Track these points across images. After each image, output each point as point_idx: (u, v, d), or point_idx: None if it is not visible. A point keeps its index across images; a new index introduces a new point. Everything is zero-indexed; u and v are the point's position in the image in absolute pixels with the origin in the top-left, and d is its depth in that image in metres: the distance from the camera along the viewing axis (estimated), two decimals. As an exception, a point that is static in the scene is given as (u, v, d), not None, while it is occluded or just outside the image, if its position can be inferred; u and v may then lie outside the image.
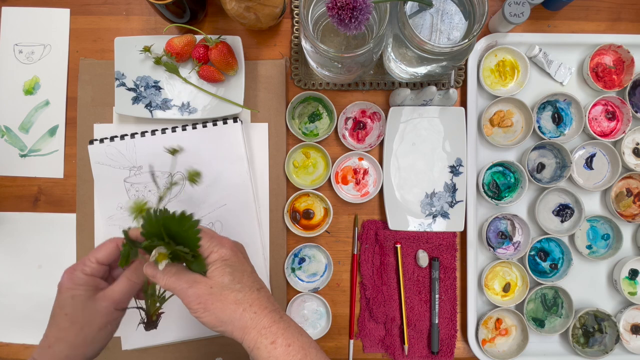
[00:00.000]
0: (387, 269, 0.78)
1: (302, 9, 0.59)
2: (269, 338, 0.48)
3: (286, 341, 0.48)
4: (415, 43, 0.58)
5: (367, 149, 0.78)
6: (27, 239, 0.78)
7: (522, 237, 0.79)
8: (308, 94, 0.77)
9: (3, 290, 0.78)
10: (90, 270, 0.52)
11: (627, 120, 0.78)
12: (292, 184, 0.77)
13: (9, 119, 0.79)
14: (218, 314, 0.48)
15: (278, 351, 0.48)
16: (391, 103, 0.79)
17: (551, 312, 0.79)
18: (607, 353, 0.76)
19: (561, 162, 0.79)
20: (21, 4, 0.79)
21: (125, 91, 0.75)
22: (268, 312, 0.50)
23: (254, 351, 0.48)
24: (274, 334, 0.48)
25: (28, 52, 0.79)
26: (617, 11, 0.82)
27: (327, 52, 0.58)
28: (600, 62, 0.80)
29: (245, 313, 0.49)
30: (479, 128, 0.79)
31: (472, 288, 0.77)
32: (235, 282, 0.50)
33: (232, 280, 0.49)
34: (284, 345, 0.48)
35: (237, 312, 0.48)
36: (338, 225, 0.80)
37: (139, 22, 0.80)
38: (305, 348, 0.49)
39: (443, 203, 0.78)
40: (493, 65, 0.80)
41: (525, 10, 0.73)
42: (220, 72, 0.75)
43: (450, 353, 0.77)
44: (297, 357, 0.48)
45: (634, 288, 0.79)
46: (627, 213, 0.79)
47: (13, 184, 0.79)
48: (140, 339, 0.75)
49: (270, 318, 0.49)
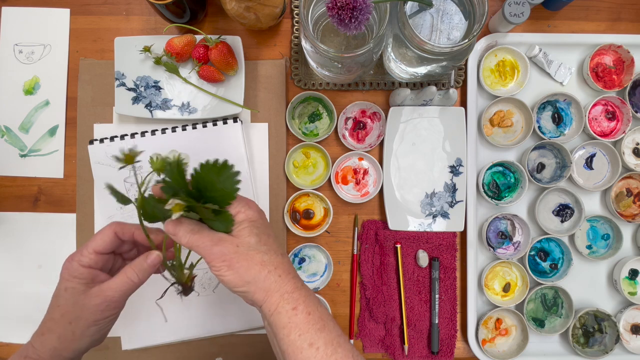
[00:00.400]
0: (387, 269, 0.78)
1: (302, 9, 0.59)
2: (290, 303, 0.47)
3: (307, 309, 0.47)
4: (415, 43, 0.58)
5: (367, 149, 0.78)
6: (27, 239, 0.78)
7: (522, 237, 0.79)
8: (308, 94, 0.77)
9: (3, 290, 0.78)
10: (87, 261, 0.50)
11: (627, 120, 0.78)
12: (292, 184, 0.77)
13: (9, 119, 0.79)
14: (242, 274, 0.47)
15: (299, 318, 0.47)
16: (391, 103, 0.79)
17: (551, 312, 0.79)
18: (607, 353, 0.76)
19: (561, 162, 0.79)
20: (21, 4, 0.79)
21: (125, 91, 0.75)
22: (291, 278, 0.49)
23: (274, 315, 0.47)
24: (296, 300, 0.47)
25: (28, 52, 0.79)
26: (617, 11, 0.82)
27: (327, 52, 0.58)
28: (600, 62, 0.80)
29: (270, 275, 0.48)
30: (479, 128, 0.79)
31: (472, 288, 0.77)
32: (262, 244, 0.48)
33: (259, 241, 0.48)
34: (304, 312, 0.47)
35: (262, 273, 0.47)
36: (338, 225, 0.80)
37: (139, 22, 0.80)
38: (323, 319, 0.48)
39: (443, 203, 0.78)
40: (493, 65, 0.80)
41: (525, 10, 0.73)
42: (220, 72, 0.75)
43: (450, 353, 0.77)
44: (316, 326, 0.47)
45: (634, 288, 0.79)
46: (627, 213, 0.79)
47: (13, 184, 0.79)
48: (140, 339, 0.75)
49: (293, 284, 0.48)
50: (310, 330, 0.46)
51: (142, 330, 0.75)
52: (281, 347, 0.47)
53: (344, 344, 0.48)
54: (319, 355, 0.46)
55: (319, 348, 0.46)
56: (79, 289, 0.49)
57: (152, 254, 0.51)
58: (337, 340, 0.47)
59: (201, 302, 0.76)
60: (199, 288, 0.76)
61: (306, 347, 0.46)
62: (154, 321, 0.75)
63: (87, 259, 0.50)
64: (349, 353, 0.47)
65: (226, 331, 0.76)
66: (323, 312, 0.49)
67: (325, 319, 0.48)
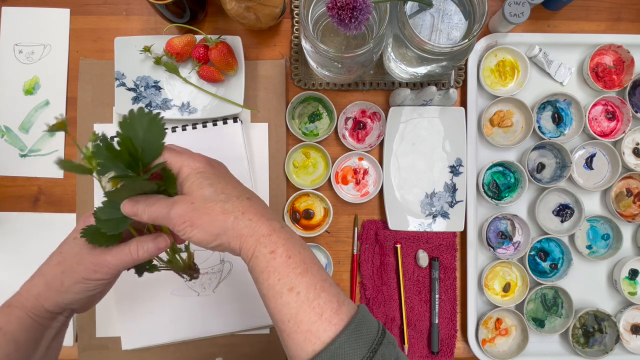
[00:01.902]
0: (387, 269, 0.78)
1: (302, 9, 0.59)
2: (268, 247, 0.44)
3: (287, 252, 0.44)
4: (415, 43, 0.58)
5: (367, 149, 0.78)
6: (27, 239, 0.78)
7: (522, 237, 0.79)
8: (308, 94, 0.77)
9: (3, 290, 0.78)
10: None
11: (627, 120, 0.78)
12: (292, 184, 0.77)
13: (9, 119, 0.79)
14: (207, 228, 0.44)
15: (277, 262, 0.43)
16: (391, 103, 0.79)
17: (551, 312, 0.79)
18: (607, 353, 0.76)
19: (561, 162, 0.79)
20: (21, 4, 0.79)
21: (125, 91, 0.75)
22: (265, 220, 0.45)
23: (252, 260, 0.44)
24: (274, 243, 0.44)
25: (28, 52, 0.79)
26: (617, 11, 0.82)
27: (327, 52, 0.58)
28: (600, 62, 0.80)
29: (238, 221, 0.44)
30: (479, 128, 0.79)
31: (472, 288, 0.77)
32: (219, 193, 0.45)
33: (214, 191, 0.45)
34: (284, 256, 0.44)
35: (228, 221, 0.44)
36: (338, 225, 0.80)
37: (139, 22, 0.80)
38: (306, 262, 0.44)
39: (443, 203, 0.78)
40: (493, 65, 0.80)
41: (525, 10, 0.73)
42: (220, 72, 0.75)
43: (450, 353, 0.77)
44: (297, 270, 0.43)
45: (634, 288, 0.79)
46: (627, 213, 0.79)
47: (13, 184, 0.79)
48: (140, 339, 0.75)
49: (268, 226, 0.45)
50: (290, 274, 0.43)
51: (142, 330, 0.75)
52: (261, 291, 0.44)
53: (329, 288, 0.44)
54: (300, 300, 0.42)
55: (300, 292, 0.42)
56: (86, 244, 0.47)
57: (160, 237, 0.48)
58: (320, 284, 0.44)
59: (201, 302, 0.76)
60: (199, 288, 0.76)
61: (286, 291, 0.43)
62: (154, 321, 0.75)
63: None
64: (333, 298, 0.43)
65: (226, 331, 0.76)
66: (307, 255, 0.45)
67: (309, 263, 0.45)
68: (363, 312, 0.44)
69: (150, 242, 0.48)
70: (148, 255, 0.48)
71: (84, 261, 0.47)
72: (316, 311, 0.42)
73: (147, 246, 0.48)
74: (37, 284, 0.49)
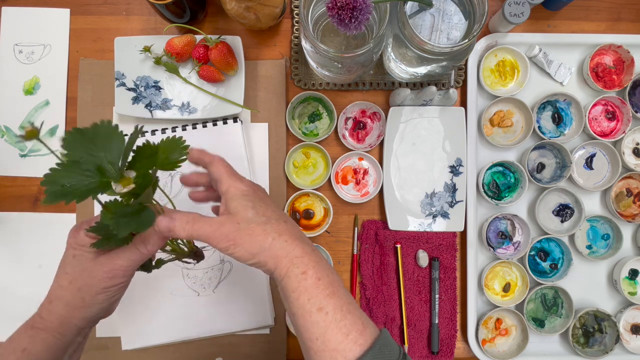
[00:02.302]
0: (387, 269, 0.78)
1: (302, 9, 0.59)
2: (300, 267, 0.47)
3: (317, 274, 0.47)
4: (415, 43, 0.58)
5: (367, 149, 0.78)
6: (27, 239, 0.78)
7: (522, 237, 0.79)
8: (308, 94, 0.77)
9: (3, 290, 0.78)
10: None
11: (627, 120, 0.78)
12: (292, 184, 0.77)
13: (9, 119, 0.79)
14: (248, 247, 0.47)
15: (308, 282, 0.46)
16: (391, 103, 0.79)
17: (551, 312, 0.79)
18: (607, 353, 0.76)
19: (561, 162, 0.79)
20: (21, 4, 0.79)
21: (125, 91, 0.75)
22: (299, 242, 0.49)
23: (285, 279, 0.47)
24: (306, 265, 0.47)
25: (28, 52, 0.79)
26: (617, 11, 0.82)
27: (327, 52, 0.58)
28: (600, 62, 0.80)
29: (275, 242, 0.48)
30: (479, 128, 0.79)
31: (472, 288, 0.77)
32: (260, 215, 0.48)
33: (256, 213, 0.48)
34: (314, 277, 0.47)
35: (266, 242, 0.47)
36: (338, 225, 0.80)
37: (139, 22, 0.80)
38: (334, 285, 0.47)
39: (443, 203, 0.78)
40: (493, 65, 0.80)
41: (525, 10, 0.73)
42: (220, 72, 0.75)
43: (450, 353, 0.77)
44: (325, 291, 0.46)
45: (634, 288, 0.79)
46: (627, 213, 0.79)
47: (13, 184, 0.79)
48: (140, 339, 0.75)
49: (301, 248, 0.48)
50: (319, 295, 0.46)
51: (142, 330, 0.75)
52: (291, 310, 0.47)
53: (354, 311, 0.47)
54: (328, 320, 0.45)
55: (328, 313, 0.45)
56: (87, 256, 0.48)
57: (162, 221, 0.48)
58: (347, 307, 0.46)
59: (201, 302, 0.76)
60: (199, 288, 0.76)
61: (315, 311, 0.45)
62: (154, 321, 0.75)
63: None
64: (358, 320, 0.46)
65: (226, 331, 0.76)
66: (334, 279, 0.48)
67: (336, 286, 0.48)
68: (385, 335, 0.46)
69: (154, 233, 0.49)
70: (157, 246, 0.49)
71: (96, 274, 0.48)
72: (343, 331, 0.45)
73: (153, 238, 0.49)
74: (58, 307, 0.49)
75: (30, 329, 0.49)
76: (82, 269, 0.48)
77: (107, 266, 0.48)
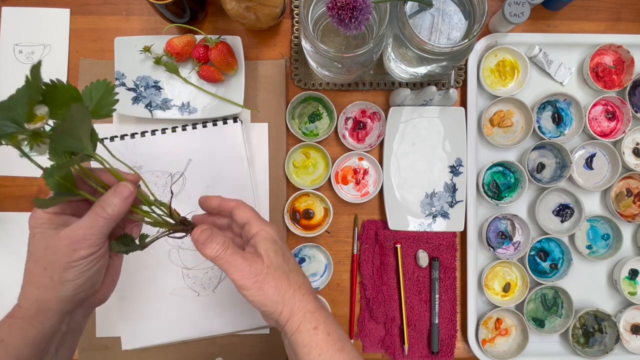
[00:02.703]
0: (387, 269, 0.78)
1: (302, 9, 0.59)
2: (312, 323, 0.48)
3: (327, 329, 0.49)
4: (415, 43, 0.58)
5: (367, 149, 0.78)
6: (27, 239, 0.78)
7: (522, 237, 0.79)
8: (308, 94, 0.77)
9: (3, 290, 0.78)
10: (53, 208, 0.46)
11: (627, 120, 0.78)
12: (292, 184, 0.77)
13: (9, 119, 0.79)
14: (271, 294, 0.47)
15: (319, 337, 0.48)
16: (391, 103, 0.79)
17: (551, 312, 0.79)
18: (607, 353, 0.76)
19: (561, 162, 0.79)
20: (21, 4, 0.79)
21: (125, 91, 0.75)
22: (313, 297, 0.50)
23: (296, 334, 0.48)
24: (317, 320, 0.49)
25: (28, 52, 0.79)
26: (617, 11, 0.82)
27: (327, 52, 0.58)
28: (600, 62, 0.80)
29: (295, 294, 0.49)
30: (479, 128, 0.79)
31: (472, 288, 0.77)
32: (286, 263, 0.49)
33: (284, 261, 0.49)
34: (324, 332, 0.48)
35: (288, 293, 0.48)
36: (338, 225, 0.80)
37: (139, 22, 0.80)
38: (342, 340, 0.49)
39: (443, 203, 0.78)
40: (493, 65, 0.80)
41: (525, 10, 0.73)
42: (220, 72, 0.75)
43: (450, 353, 0.77)
44: (335, 346, 0.48)
45: (634, 288, 0.79)
46: (627, 213, 0.79)
47: (13, 184, 0.79)
48: (140, 339, 0.75)
49: (314, 304, 0.50)
50: (329, 350, 0.48)
51: (142, 330, 0.75)
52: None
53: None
54: None
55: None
56: (48, 233, 0.46)
57: (120, 185, 0.46)
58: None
59: (201, 302, 0.76)
60: (199, 288, 0.76)
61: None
62: (154, 321, 0.75)
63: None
64: None
65: (226, 331, 0.76)
66: (342, 334, 0.50)
67: (344, 341, 0.49)
68: None
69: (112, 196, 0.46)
70: (118, 208, 0.46)
71: (58, 249, 0.45)
72: None
73: (112, 201, 0.46)
74: (30, 291, 0.47)
75: (9, 319, 0.47)
76: (44, 247, 0.46)
77: (68, 239, 0.45)
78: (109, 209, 0.45)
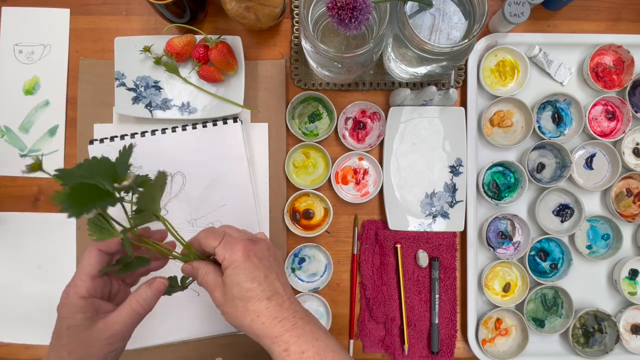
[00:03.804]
0: (387, 269, 0.78)
1: (302, 9, 0.59)
2: (281, 346, 0.49)
3: (299, 348, 0.49)
4: (415, 43, 0.58)
5: (367, 149, 0.78)
6: (27, 239, 0.78)
7: (522, 237, 0.79)
8: (308, 94, 0.77)
9: (3, 290, 0.78)
10: (86, 290, 0.47)
11: (627, 120, 0.78)
12: (292, 184, 0.77)
13: (9, 119, 0.79)
14: (232, 321, 0.51)
15: (291, 358, 0.48)
16: (391, 103, 0.79)
17: (551, 312, 0.79)
18: (607, 353, 0.76)
19: (561, 162, 0.79)
20: (21, 4, 0.79)
21: (125, 91, 0.75)
22: (278, 322, 0.50)
23: (273, 355, 0.50)
24: (286, 342, 0.49)
25: (28, 52, 0.79)
26: (617, 11, 0.82)
27: (327, 52, 0.58)
28: (600, 62, 0.80)
29: (254, 323, 0.50)
30: (479, 128, 0.79)
31: (472, 288, 0.77)
32: (244, 291, 0.50)
33: (240, 289, 0.50)
34: (297, 352, 0.48)
35: (246, 321, 0.50)
36: (338, 225, 0.80)
37: (139, 22, 0.80)
38: (320, 353, 0.49)
39: (443, 203, 0.78)
40: (493, 65, 0.80)
41: (525, 10, 0.73)
42: (220, 72, 0.75)
43: (450, 353, 0.77)
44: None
45: (634, 288, 0.79)
46: (627, 213, 0.79)
47: (13, 184, 0.79)
48: (140, 339, 0.75)
49: (281, 327, 0.50)
50: None
51: (142, 330, 0.75)
52: None
53: None
54: None
55: None
56: (83, 325, 0.47)
57: (155, 281, 0.50)
58: None
59: (201, 302, 0.76)
60: (199, 288, 0.76)
61: None
62: (154, 321, 0.75)
63: (84, 288, 0.48)
64: None
65: (226, 331, 0.76)
66: (321, 346, 0.49)
67: (323, 352, 0.49)
68: None
69: (147, 290, 0.50)
70: (153, 303, 0.50)
71: (94, 343, 0.48)
72: None
73: (148, 295, 0.50)
74: None
75: None
76: (79, 340, 0.47)
77: (105, 333, 0.48)
78: (146, 304, 0.50)
